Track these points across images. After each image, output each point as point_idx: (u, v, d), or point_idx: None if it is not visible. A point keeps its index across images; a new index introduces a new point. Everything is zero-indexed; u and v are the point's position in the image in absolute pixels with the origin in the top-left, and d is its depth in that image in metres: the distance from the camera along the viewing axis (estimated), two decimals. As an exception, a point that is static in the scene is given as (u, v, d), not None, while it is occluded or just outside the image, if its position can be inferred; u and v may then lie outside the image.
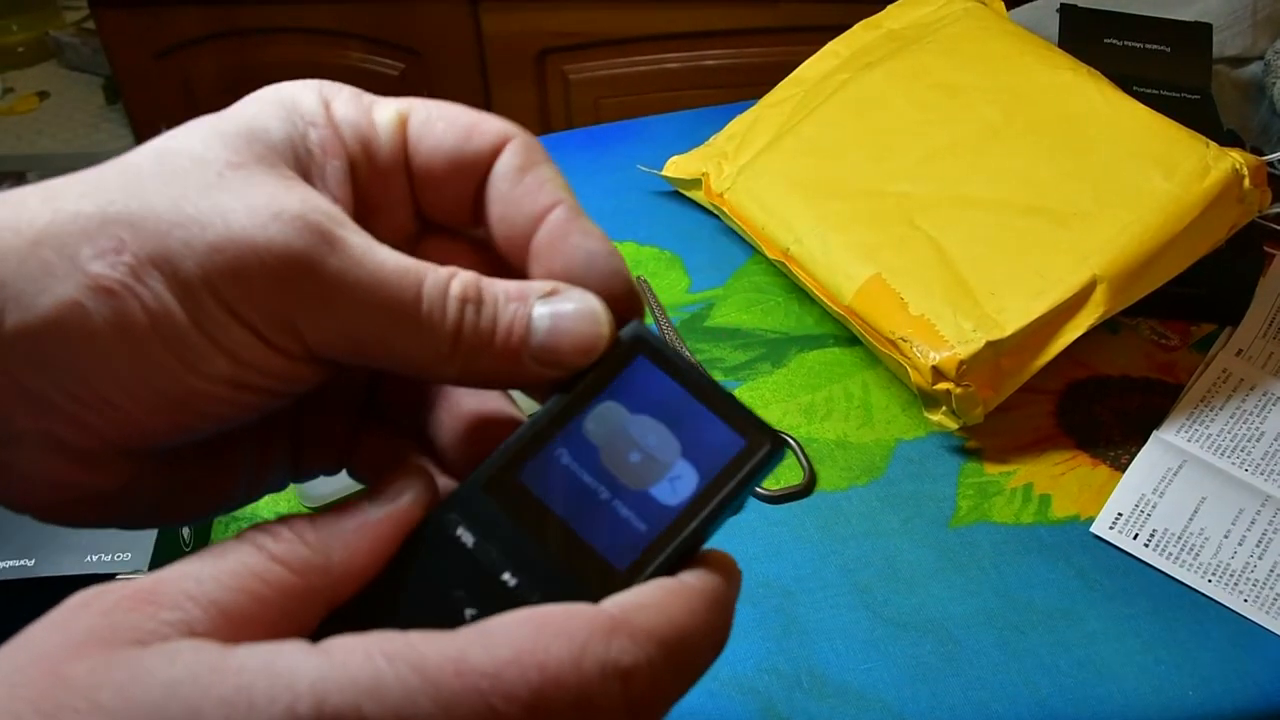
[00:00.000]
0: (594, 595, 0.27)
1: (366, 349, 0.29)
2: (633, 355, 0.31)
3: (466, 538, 0.29)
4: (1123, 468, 0.62)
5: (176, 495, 0.32)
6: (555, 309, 0.31)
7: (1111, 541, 0.58)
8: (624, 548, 0.29)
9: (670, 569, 0.28)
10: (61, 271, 0.26)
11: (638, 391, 0.30)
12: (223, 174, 0.28)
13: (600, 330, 0.31)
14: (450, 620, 0.27)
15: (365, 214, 0.32)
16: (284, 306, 0.28)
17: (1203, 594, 0.55)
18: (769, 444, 0.29)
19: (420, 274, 0.29)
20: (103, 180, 0.28)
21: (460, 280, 0.30)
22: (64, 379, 0.27)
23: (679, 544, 0.29)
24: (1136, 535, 0.58)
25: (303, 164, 0.31)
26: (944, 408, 0.62)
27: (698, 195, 0.80)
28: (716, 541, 0.30)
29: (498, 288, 0.30)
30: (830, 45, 0.83)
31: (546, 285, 0.31)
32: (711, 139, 0.82)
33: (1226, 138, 0.73)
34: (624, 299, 0.32)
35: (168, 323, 0.27)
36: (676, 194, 0.83)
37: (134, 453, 0.29)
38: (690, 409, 0.30)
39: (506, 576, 0.29)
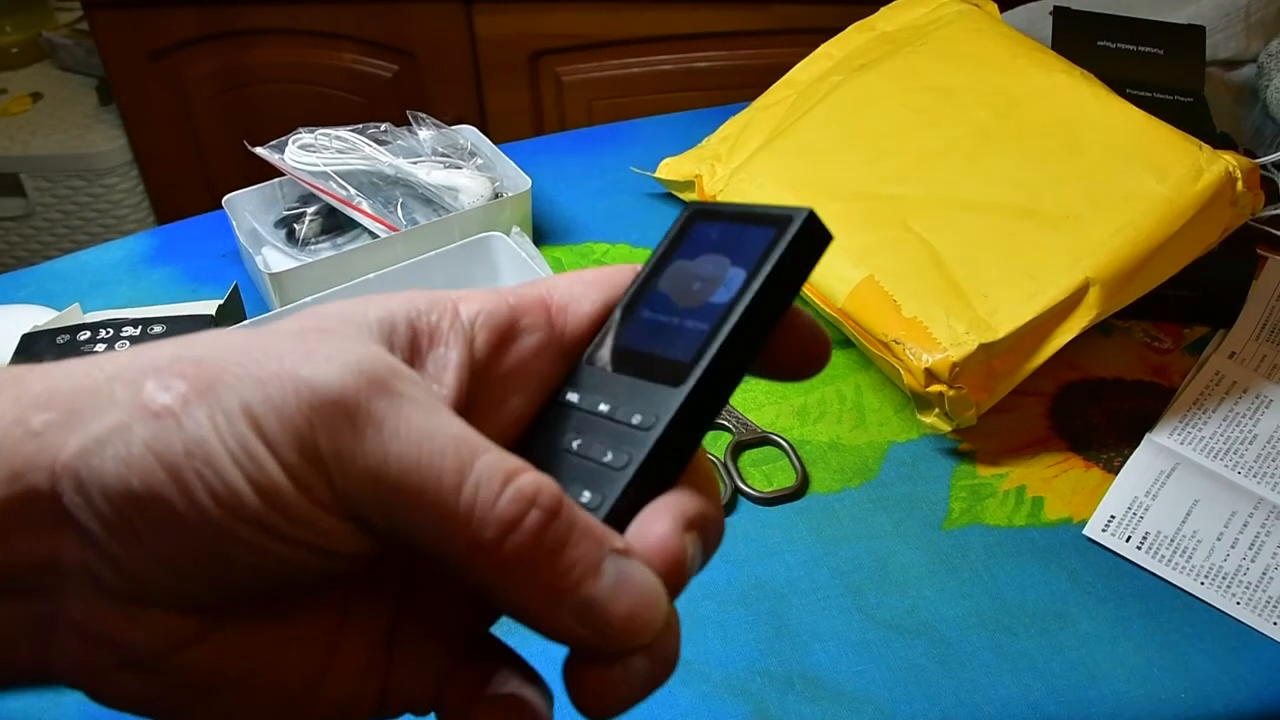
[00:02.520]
0: (669, 384, 0.31)
1: (396, 511, 0.28)
2: (692, 222, 0.35)
3: (572, 396, 0.34)
4: (1115, 470, 0.62)
5: (244, 682, 0.30)
6: (624, 571, 0.28)
7: (1104, 544, 0.58)
8: (688, 345, 0.32)
9: (730, 350, 0.32)
10: (123, 400, 0.27)
11: (695, 243, 0.35)
12: (305, 333, 0.29)
13: (656, 616, 0.28)
14: (562, 455, 0.32)
15: (472, 409, 0.31)
16: (317, 442, 0.27)
17: (1195, 596, 0.55)
18: (794, 217, 0.32)
19: (480, 449, 0.28)
20: (195, 336, 0.29)
21: (537, 481, 0.28)
22: (102, 503, 0.26)
23: (736, 328, 0.32)
24: (1129, 538, 0.58)
25: (407, 346, 0.31)
26: (937, 410, 0.62)
27: (691, 197, 0.80)
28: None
29: (580, 514, 0.28)
30: (823, 47, 0.83)
31: (622, 542, 0.29)
32: (704, 141, 0.82)
33: (1219, 140, 0.74)
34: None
35: (200, 449, 0.26)
36: (669, 196, 0.83)
37: (176, 605, 0.28)
38: (735, 233, 0.34)
39: (602, 405, 0.33)
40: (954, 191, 0.67)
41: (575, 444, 0.33)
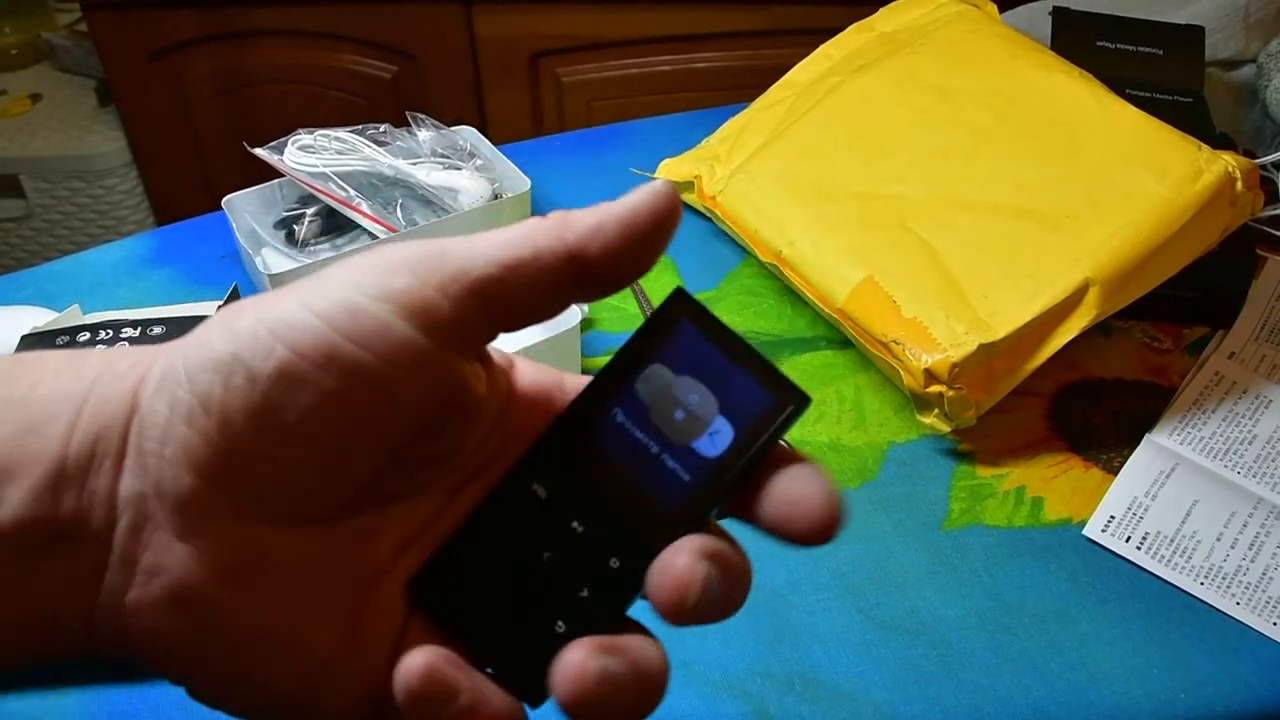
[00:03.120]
0: (647, 538, 0.32)
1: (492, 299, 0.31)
2: (678, 319, 0.35)
3: (540, 491, 0.34)
4: (1115, 470, 0.62)
5: (280, 637, 0.31)
6: None
7: (1104, 544, 0.58)
8: (672, 496, 0.33)
9: (708, 512, 0.33)
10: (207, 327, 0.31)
11: (681, 354, 0.34)
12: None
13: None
14: (530, 563, 0.33)
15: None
16: (415, 269, 0.30)
17: (1195, 597, 0.55)
18: (794, 401, 0.33)
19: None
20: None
21: None
22: (204, 378, 0.29)
23: (718, 491, 0.33)
24: (1129, 538, 0.58)
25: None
26: (936, 410, 0.62)
27: (690, 198, 0.80)
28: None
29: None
30: (822, 48, 0.83)
31: None
32: (704, 142, 0.82)
33: (1219, 141, 0.74)
34: None
35: (297, 315, 0.30)
36: (669, 197, 0.83)
37: (240, 508, 0.30)
38: (727, 370, 0.34)
39: (575, 525, 0.33)
40: (953, 192, 0.68)
41: (546, 556, 0.33)
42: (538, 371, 0.36)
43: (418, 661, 0.29)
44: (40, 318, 0.67)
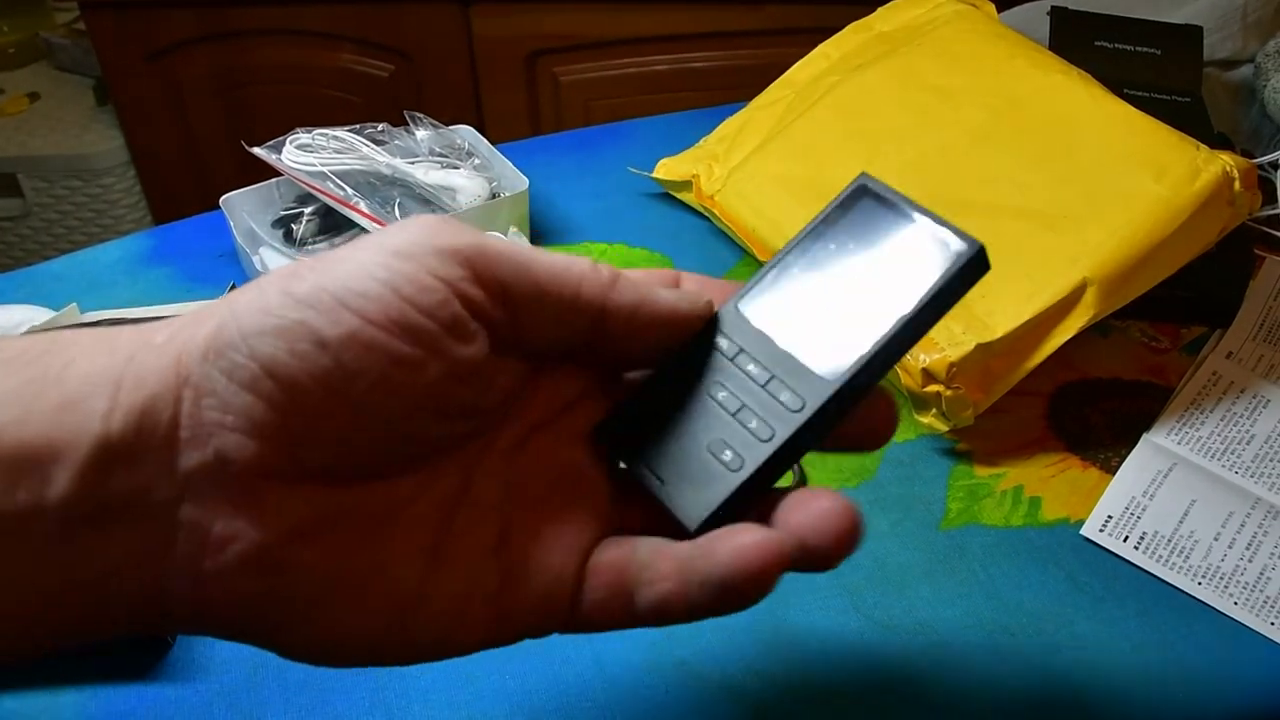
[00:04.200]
0: (822, 375, 0.34)
1: (526, 289, 0.33)
2: (860, 198, 0.38)
3: (722, 341, 0.36)
4: (1113, 470, 0.62)
5: (357, 583, 0.32)
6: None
7: (1101, 544, 0.58)
8: (845, 341, 0.35)
9: (877, 364, 0.34)
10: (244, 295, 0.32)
11: (864, 226, 0.37)
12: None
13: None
14: (706, 401, 0.36)
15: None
16: (449, 252, 0.32)
17: (1193, 596, 0.55)
18: (971, 248, 0.36)
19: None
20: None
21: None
22: (249, 358, 0.30)
23: (888, 337, 0.34)
24: (1126, 538, 0.58)
25: None
26: (934, 410, 0.62)
27: (688, 197, 0.80)
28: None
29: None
30: (820, 47, 0.83)
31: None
32: (702, 141, 0.82)
33: (1217, 141, 0.74)
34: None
35: (355, 279, 0.31)
36: (667, 196, 0.83)
37: (303, 470, 0.31)
38: (903, 229, 0.36)
39: (751, 366, 0.36)
40: (951, 191, 0.67)
41: (719, 394, 0.36)
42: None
43: (749, 540, 0.32)
44: (38, 316, 0.67)
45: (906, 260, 0.35)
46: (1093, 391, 0.67)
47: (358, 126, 0.77)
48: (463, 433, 0.34)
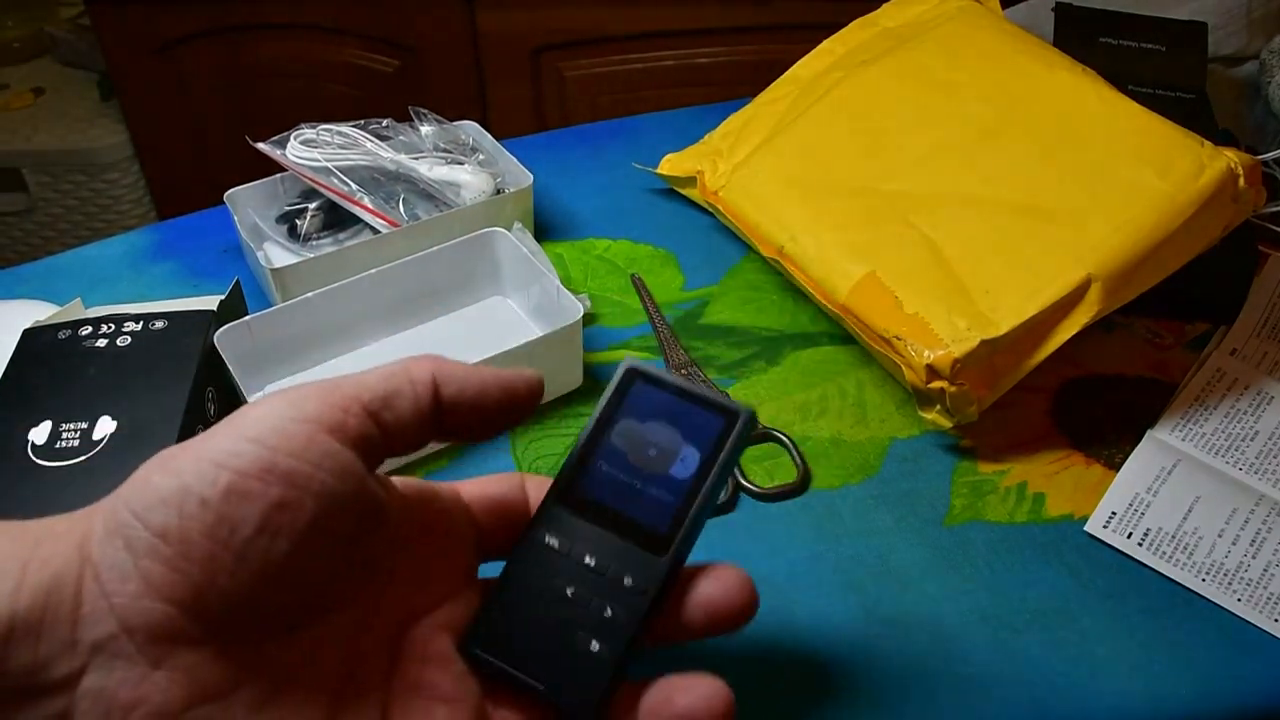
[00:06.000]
0: (650, 553, 0.39)
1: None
2: (632, 381, 0.42)
3: (553, 542, 0.40)
4: (1117, 466, 0.62)
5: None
6: None
7: (1105, 540, 0.58)
8: (661, 516, 0.40)
9: (696, 523, 0.40)
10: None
11: (642, 406, 0.42)
12: None
13: None
14: (558, 601, 0.39)
15: None
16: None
17: (1196, 593, 0.55)
18: (739, 415, 0.41)
19: None
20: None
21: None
22: (159, 513, 0.32)
23: (697, 504, 0.40)
24: (1130, 534, 0.58)
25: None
26: (938, 406, 0.62)
27: (692, 193, 0.80)
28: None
29: None
30: (825, 43, 0.83)
31: None
32: (706, 137, 0.82)
33: (1221, 137, 0.74)
34: None
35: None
36: (671, 192, 0.83)
37: (210, 628, 0.33)
38: (682, 408, 0.41)
39: (587, 560, 0.39)
40: (956, 187, 0.67)
41: (569, 591, 0.39)
42: (416, 484, 0.41)
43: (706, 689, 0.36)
44: (42, 312, 0.67)
45: (690, 432, 0.41)
46: (1097, 388, 0.67)
47: (362, 122, 0.77)
48: (350, 579, 0.37)
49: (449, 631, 0.39)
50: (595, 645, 0.38)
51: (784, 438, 0.63)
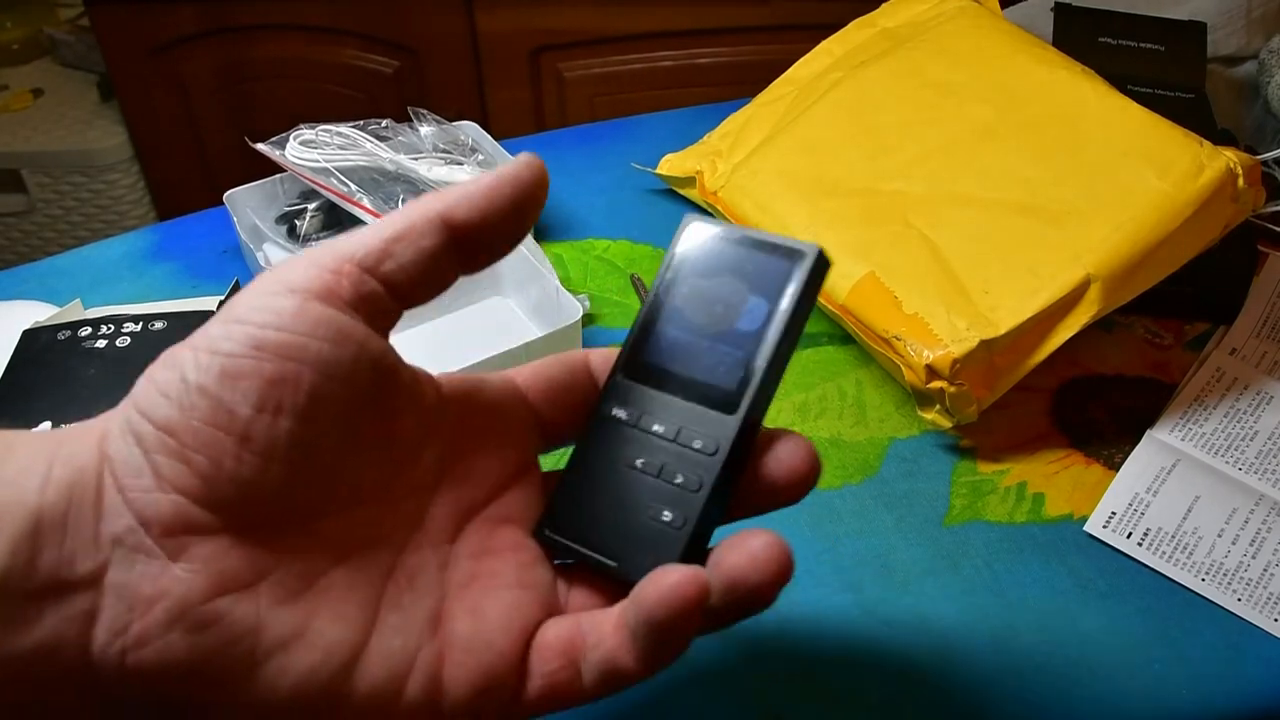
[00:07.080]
0: (723, 411, 0.37)
1: None
2: (693, 236, 0.40)
3: (620, 413, 0.38)
4: (1116, 466, 0.62)
5: (291, 644, 0.33)
6: None
7: (1105, 540, 0.58)
8: (731, 372, 0.37)
9: (767, 378, 0.37)
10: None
11: (704, 261, 0.39)
12: None
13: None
14: (627, 473, 0.37)
15: None
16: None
17: (1196, 593, 0.55)
18: (809, 254, 0.38)
19: None
20: None
21: None
22: (183, 392, 0.33)
23: (769, 357, 0.37)
24: (1130, 534, 0.58)
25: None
26: (938, 406, 0.62)
27: (692, 193, 0.80)
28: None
29: None
30: (824, 44, 0.83)
31: None
32: (705, 137, 0.82)
33: (1221, 137, 0.73)
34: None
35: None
36: (670, 192, 0.83)
37: (234, 510, 0.33)
38: (745, 256, 0.38)
39: (656, 426, 0.37)
40: (955, 187, 0.67)
41: (639, 462, 0.37)
42: (461, 378, 0.40)
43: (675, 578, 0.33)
44: (42, 312, 0.67)
45: (756, 282, 0.38)
46: (1096, 387, 0.67)
47: (361, 122, 0.77)
48: (377, 465, 0.36)
49: (511, 523, 0.38)
50: (668, 515, 0.36)
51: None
